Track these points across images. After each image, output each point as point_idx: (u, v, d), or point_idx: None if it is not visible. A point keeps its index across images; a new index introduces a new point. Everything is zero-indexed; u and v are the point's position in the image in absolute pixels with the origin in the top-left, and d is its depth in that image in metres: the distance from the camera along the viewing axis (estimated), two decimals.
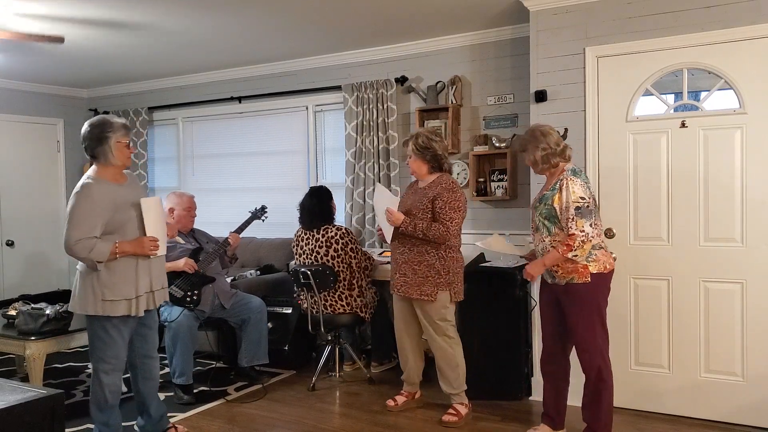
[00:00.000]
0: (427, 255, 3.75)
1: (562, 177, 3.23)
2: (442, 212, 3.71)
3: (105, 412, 3.26)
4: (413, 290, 3.75)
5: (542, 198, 3.31)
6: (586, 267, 3.19)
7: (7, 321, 4.19)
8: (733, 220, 3.60)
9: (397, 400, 4.00)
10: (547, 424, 3.49)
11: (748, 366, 3.59)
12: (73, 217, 3.05)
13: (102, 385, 3.20)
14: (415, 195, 3.87)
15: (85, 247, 3.02)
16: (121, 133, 3.18)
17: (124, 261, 3.12)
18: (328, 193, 4.58)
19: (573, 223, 3.13)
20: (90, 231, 3.03)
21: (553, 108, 4.03)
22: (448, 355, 3.80)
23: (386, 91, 5.18)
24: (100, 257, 3.04)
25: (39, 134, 6.74)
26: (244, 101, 6.08)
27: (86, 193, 3.08)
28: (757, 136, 3.53)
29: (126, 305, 3.12)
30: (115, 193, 3.15)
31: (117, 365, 3.22)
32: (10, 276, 6.45)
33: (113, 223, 3.10)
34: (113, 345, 3.17)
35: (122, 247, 3.08)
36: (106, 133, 3.16)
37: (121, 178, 3.27)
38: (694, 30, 3.63)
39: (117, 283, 3.10)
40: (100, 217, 3.06)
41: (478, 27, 4.77)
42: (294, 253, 4.61)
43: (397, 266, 3.84)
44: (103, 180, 3.16)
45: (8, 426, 1.97)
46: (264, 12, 4.32)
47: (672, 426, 3.67)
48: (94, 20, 4.37)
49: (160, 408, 3.52)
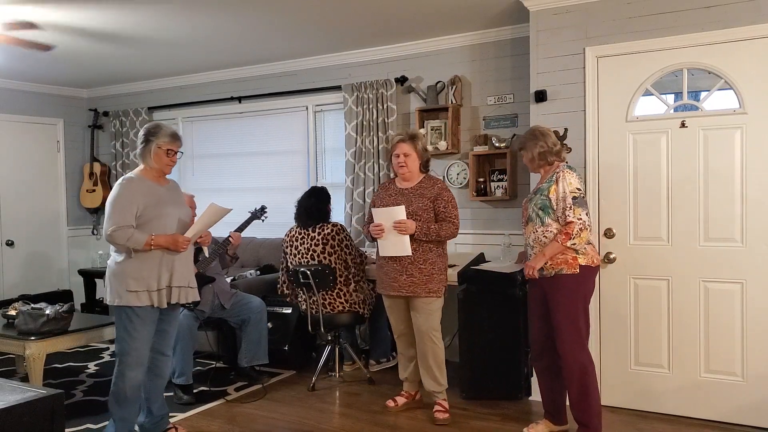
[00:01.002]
0: (431, 253, 3.76)
1: (558, 170, 3.36)
2: (447, 211, 3.76)
3: (123, 407, 3.32)
4: (421, 288, 3.73)
5: (538, 190, 3.42)
6: (576, 258, 3.28)
7: (7, 321, 4.19)
8: (733, 220, 3.60)
9: (398, 400, 4.01)
10: (549, 419, 3.54)
11: (748, 366, 3.59)
12: (112, 207, 3.25)
13: (125, 378, 3.29)
14: (404, 197, 3.79)
15: (123, 234, 3.19)
16: (164, 140, 3.35)
17: (151, 254, 3.25)
18: (327, 195, 4.60)
19: (571, 211, 3.25)
20: (126, 219, 3.21)
21: (553, 108, 4.03)
22: (437, 353, 3.82)
23: (386, 91, 5.18)
24: (136, 245, 3.20)
25: (39, 134, 6.74)
26: (244, 101, 6.08)
27: (125, 185, 3.29)
28: (757, 136, 3.53)
29: (148, 296, 3.24)
30: (152, 189, 3.33)
31: (139, 359, 3.30)
32: (10, 276, 6.45)
33: (144, 215, 3.25)
34: (137, 337, 3.28)
35: (157, 240, 3.23)
36: (150, 136, 3.35)
37: (163, 181, 3.44)
38: (694, 30, 3.63)
39: (143, 274, 3.24)
40: (135, 207, 3.24)
41: (478, 27, 4.77)
42: (286, 253, 4.57)
43: (401, 268, 3.75)
44: (144, 177, 3.36)
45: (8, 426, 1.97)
46: (264, 12, 4.32)
47: (672, 426, 3.67)
48: (93, 18, 4.37)
49: (163, 408, 3.56)
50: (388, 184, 3.98)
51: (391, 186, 3.93)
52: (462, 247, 4.97)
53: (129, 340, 3.28)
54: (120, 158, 6.79)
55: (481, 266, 4.26)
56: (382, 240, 3.76)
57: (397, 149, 3.82)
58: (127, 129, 6.71)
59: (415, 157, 3.80)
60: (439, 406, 3.83)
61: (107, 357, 5.29)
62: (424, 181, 3.84)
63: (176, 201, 3.44)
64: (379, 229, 3.74)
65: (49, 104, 6.78)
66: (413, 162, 3.80)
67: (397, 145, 3.82)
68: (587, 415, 3.32)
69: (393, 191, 3.89)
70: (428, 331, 3.78)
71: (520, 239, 4.44)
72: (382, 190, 3.98)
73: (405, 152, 3.79)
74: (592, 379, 3.32)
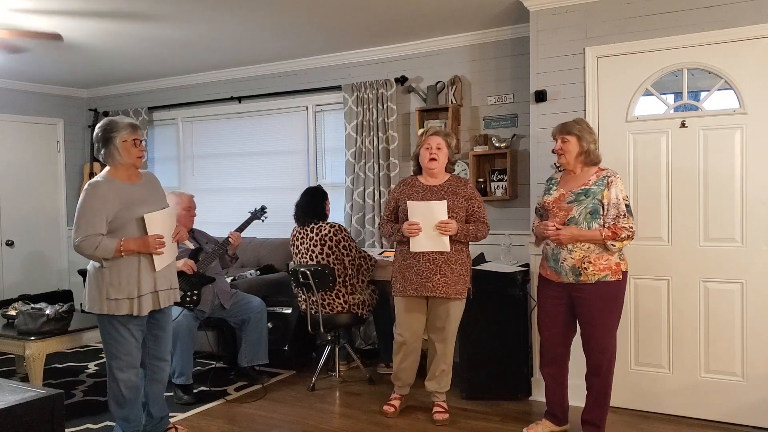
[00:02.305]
0: (461, 254, 3.69)
1: (608, 174, 3.25)
2: (480, 211, 3.71)
3: (124, 408, 3.28)
4: (452, 290, 3.63)
5: (587, 192, 3.24)
6: (619, 265, 3.23)
7: (7, 321, 4.19)
8: (733, 220, 3.60)
9: (395, 405, 3.92)
10: (550, 420, 3.51)
11: (748, 366, 3.59)
12: (79, 215, 3.09)
13: (117, 381, 3.22)
14: (435, 195, 3.66)
15: (91, 244, 3.04)
16: (126, 131, 3.18)
17: (128, 260, 3.12)
18: (323, 193, 4.60)
19: (625, 220, 3.16)
20: (95, 228, 3.05)
21: (553, 108, 4.03)
22: (450, 356, 3.81)
23: (386, 91, 5.18)
24: (105, 254, 3.05)
25: (39, 134, 6.74)
26: (244, 101, 6.08)
27: (92, 191, 3.12)
28: (757, 136, 3.53)
29: (128, 304, 3.12)
30: (123, 190, 3.16)
31: (130, 362, 3.22)
32: (10, 276, 6.45)
33: (118, 220, 3.11)
34: (124, 343, 3.19)
35: (127, 245, 3.08)
36: (110, 133, 3.17)
37: (135, 177, 3.27)
38: (694, 30, 3.63)
39: (121, 281, 3.11)
40: (105, 213, 3.08)
41: (478, 27, 4.77)
42: (291, 252, 4.62)
43: (436, 267, 3.61)
44: (112, 179, 3.19)
45: (8, 426, 1.96)
46: (264, 12, 4.32)
47: (672, 426, 3.67)
48: (94, 18, 4.37)
49: (163, 410, 3.51)
50: (411, 180, 3.80)
51: (416, 182, 3.75)
52: None
53: (115, 344, 3.18)
54: None
55: (481, 266, 4.26)
56: (415, 237, 3.59)
57: (430, 141, 3.67)
58: None
59: (446, 153, 3.68)
60: (438, 407, 3.82)
61: None
62: (453, 180, 3.74)
63: (152, 197, 3.25)
64: (417, 227, 3.56)
65: (49, 104, 6.78)
66: (444, 157, 3.68)
67: (431, 137, 3.67)
68: (602, 418, 3.33)
69: (420, 188, 3.72)
70: (452, 334, 3.75)
71: (520, 239, 4.45)
72: (406, 187, 3.77)
73: (438, 145, 3.67)
74: (611, 384, 3.33)
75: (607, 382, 3.31)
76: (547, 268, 3.39)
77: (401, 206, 3.73)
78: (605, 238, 3.14)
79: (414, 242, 3.62)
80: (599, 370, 3.28)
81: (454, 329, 3.77)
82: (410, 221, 3.60)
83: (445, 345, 3.77)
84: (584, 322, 3.29)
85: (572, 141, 3.27)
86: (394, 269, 3.82)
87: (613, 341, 3.30)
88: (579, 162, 3.30)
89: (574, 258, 3.22)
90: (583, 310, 3.26)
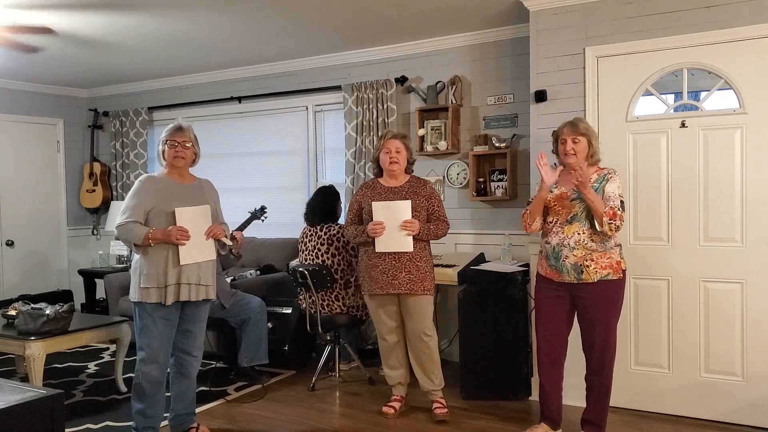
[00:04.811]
0: (424, 251, 3.80)
1: (608, 172, 3.29)
2: (440, 209, 3.83)
3: (143, 402, 3.34)
4: (418, 286, 3.73)
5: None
6: (620, 263, 3.23)
7: (7, 321, 4.19)
8: (733, 220, 3.60)
9: (395, 406, 3.93)
10: (547, 424, 3.49)
11: (748, 366, 3.59)
12: (125, 203, 3.32)
13: (140, 373, 3.32)
14: (397, 196, 3.77)
15: (124, 229, 3.24)
16: (166, 134, 3.41)
17: (158, 251, 3.25)
18: (335, 193, 4.65)
19: (620, 212, 3.16)
20: (133, 215, 3.25)
21: (553, 108, 4.03)
22: (433, 351, 3.82)
23: (386, 91, 5.18)
24: (135, 239, 3.22)
25: (39, 134, 6.74)
26: (244, 101, 6.08)
27: (140, 183, 3.35)
28: (757, 136, 3.53)
29: (156, 293, 3.25)
30: (169, 187, 3.35)
31: (152, 355, 3.30)
32: (10, 276, 6.45)
33: (154, 212, 3.26)
34: (148, 333, 3.29)
35: (155, 234, 3.23)
36: (162, 136, 3.45)
37: (189, 179, 3.48)
38: (694, 30, 3.63)
39: (151, 271, 3.25)
40: (144, 204, 3.27)
41: (478, 27, 4.77)
42: (299, 251, 4.64)
43: (401, 265, 3.71)
44: (163, 176, 3.41)
45: (8, 426, 1.96)
46: (264, 12, 4.32)
47: (672, 426, 3.67)
48: (93, 18, 4.37)
49: (189, 407, 3.56)
50: (372, 183, 3.93)
51: (377, 185, 3.88)
52: (462, 247, 4.97)
53: (143, 336, 3.31)
54: (120, 158, 6.79)
55: (481, 266, 4.26)
56: (380, 237, 3.70)
57: (389, 144, 3.79)
58: (127, 129, 6.71)
59: (405, 155, 3.81)
60: (437, 403, 3.83)
61: (107, 357, 5.29)
62: (414, 180, 3.86)
63: (195, 199, 3.38)
64: (381, 227, 3.68)
65: (49, 104, 6.78)
66: (403, 159, 3.81)
67: (390, 141, 3.80)
68: (603, 417, 3.34)
69: (381, 190, 3.84)
70: (424, 330, 3.77)
71: (520, 239, 4.45)
72: (368, 189, 3.89)
73: (397, 148, 3.79)
74: (611, 383, 3.35)
75: (609, 381, 3.33)
76: (546, 267, 3.37)
77: (365, 208, 3.83)
78: (606, 213, 3.13)
79: (379, 242, 3.72)
80: (601, 369, 3.29)
81: (429, 325, 3.79)
82: (375, 221, 3.69)
83: (424, 342, 3.79)
84: (587, 322, 3.28)
85: (583, 142, 3.29)
86: (360, 269, 3.93)
87: (615, 340, 3.30)
88: (585, 162, 3.31)
89: (576, 256, 3.22)
90: (586, 311, 3.26)
